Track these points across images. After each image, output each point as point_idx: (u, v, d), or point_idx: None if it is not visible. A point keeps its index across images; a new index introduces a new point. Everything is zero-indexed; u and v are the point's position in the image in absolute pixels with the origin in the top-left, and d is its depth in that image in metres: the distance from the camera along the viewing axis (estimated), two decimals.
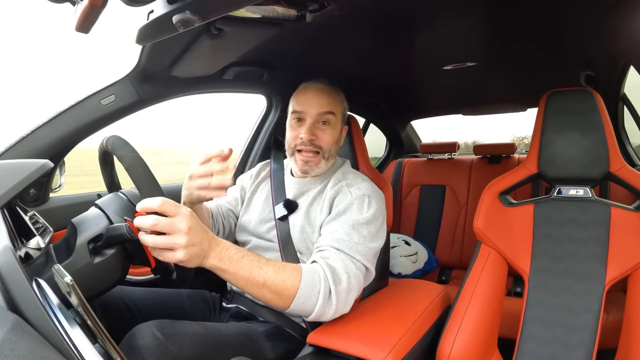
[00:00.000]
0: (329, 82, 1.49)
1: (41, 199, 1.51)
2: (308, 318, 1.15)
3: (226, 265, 1.02)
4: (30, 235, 0.98)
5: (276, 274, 1.07)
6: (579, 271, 1.28)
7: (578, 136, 1.32)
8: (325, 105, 1.42)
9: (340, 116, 1.47)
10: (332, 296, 1.12)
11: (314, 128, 1.41)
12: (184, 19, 0.93)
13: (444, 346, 1.25)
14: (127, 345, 1.04)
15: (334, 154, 1.47)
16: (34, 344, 0.47)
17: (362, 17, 1.34)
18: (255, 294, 1.08)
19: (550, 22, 1.42)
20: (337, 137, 1.46)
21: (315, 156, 1.42)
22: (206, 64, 1.61)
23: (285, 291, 1.08)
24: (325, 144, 1.42)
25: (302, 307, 1.10)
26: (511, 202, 1.44)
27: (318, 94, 1.44)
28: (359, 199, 1.33)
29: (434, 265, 2.81)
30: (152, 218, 0.92)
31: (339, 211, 1.32)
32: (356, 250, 1.21)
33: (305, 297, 1.09)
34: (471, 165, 3.01)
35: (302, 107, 1.43)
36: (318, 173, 1.47)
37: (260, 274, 1.05)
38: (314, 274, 1.13)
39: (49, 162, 1.02)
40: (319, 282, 1.12)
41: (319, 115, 1.41)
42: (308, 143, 1.40)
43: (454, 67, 1.92)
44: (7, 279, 0.57)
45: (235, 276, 1.04)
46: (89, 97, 1.49)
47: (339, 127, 1.46)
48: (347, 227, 1.26)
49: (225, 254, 1.03)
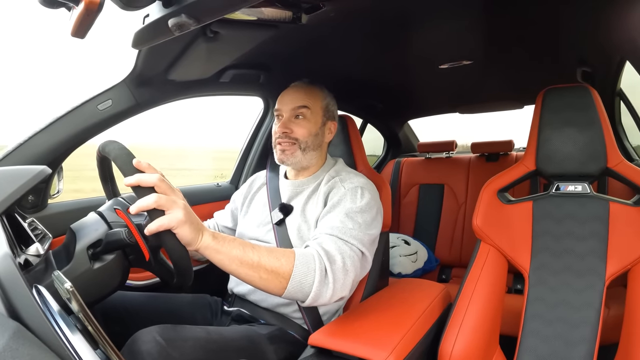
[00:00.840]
0: (309, 81, 1.55)
1: (40, 206, 1.51)
2: (305, 302, 1.13)
3: (220, 244, 1.02)
4: (29, 242, 0.98)
5: (270, 253, 1.08)
6: (579, 267, 1.29)
7: (575, 132, 1.33)
8: (299, 100, 1.47)
9: (320, 110, 1.50)
10: (328, 275, 1.12)
11: (288, 122, 1.46)
12: (179, 22, 0.93)
13: (446, 345, 1.25)
14: (129, 351, 1.03)
15: (313, 147, 1.48)
16: (35, 351, 0.47)
17: (357, 17, 1.34)
18: (250, 275, 1.06)
19: (545, 19, 1.42)
20: (315, 130, 1.48)
21: (291, 146, 1.45)
22: (202, 67, 1.61)
23: (281, 269, 1.07)
24: (301, 135, 1.45)
25: (299, 287, 1.09)
26: (510, 199, 1.45)
27: (294, 91, 1.50)
28: (351, 190, 1.35)
29: (434, 264, 2.81)
30: (153, 195, 0.93)
31: (332, 204, 1.34)
32: (350, 235, 1.22)
33: (301, 275, 1.09)
34: (469, 163, 3.01)
35: (279, 105, 1.50)
36: (297, 164, 1.49)
37: (254, 252, 1.05)
38: (307, 254, 1.13)
39: (47, 168, 1.02)
40: (313, 260, 1.12)
41: (293, 110, 1.47)
42: (283, 136, 1.45)
43: (450, 66, 1.92)
44: (7, 286, 0.57)
45: (229, 255, 1.03)
46: (85, 102, 1.49)
47: (316, 121, 1.49)
48: (341, 215, 1.27)
49: (218, 235, 1.04)
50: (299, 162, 1.47)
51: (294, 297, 1.13)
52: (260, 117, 2.36)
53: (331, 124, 1.55)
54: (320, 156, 1.53)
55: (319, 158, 1.53)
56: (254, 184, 1.71)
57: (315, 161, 1.52)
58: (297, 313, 1.39)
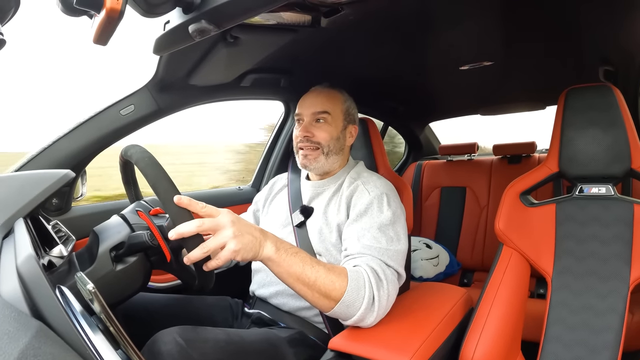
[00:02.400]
0: (330, 85, 1.55)
1: (64, 208, 1.54)
2: (347, 322, 1.14)
3: (282, 257, 1.03)
4: (53, 244, 1.00)
5: (327, 274, 1.08)
6: (603, 271, 1.26)
7: (599, 133, 1.30)
8: (320, 105, 1.47)
9: (341, 114, 1.50)
10: (375, 302, 1.12)
11: (309, 126, 1.46)
12: (199, 28, 0.94)
13: (467, 350, 1.23)
14: (149, 351, 1.04)
15: (335, 150, 1.48)
16: (57, 350, 0.48)
17: (376, 20, 1.34)
18: (303, 291, 1.08)
19: (567, 18, 1.40)
20: (336, 134, 1.48)
21: (314, 151, 1.46)
22: (223, 72, 1.62)
23: (333, 292, 1.08)
24: (323, 139, 1.45)
25: (345, 310, 1.10)
26: (532, 202, 1.42)
27: (314, 95, 1.50)
28: (377, 197, 1.34)
29: (456, 268, 2.78)
30: (195, 221, 0.92)
31: (359, 211, 1.32)
32: (387, 256, 1.21)
33: (350, 300, 1.09)
34: (491, 166, 2.98)
35: (299, 110, 1.51)
36: (319, 169, 1.49)
37: (312, 272, 1.06)
38: (359, 280, 1.12)
39: (70, 172, 1.04)
40: (364, 287, 1.11)
41: (314, 114, 1.47)
42: (304, 140, 1.46)
43: (471, 67, 1.90)
44: (31, 287, 0.58)
45: (288, 271, 1.04)
46: (108, 107, 1.52)
47: (337, 125, 1.48)
48: (373, 230, 1.26)
49: (281, 245, 1.04)
50: (322, 166, 1.47)
51: (338, 317, 1.14)
52: (281, 120, 2.37)
53: (352, 127, 1.54)
54: (342, 159, 1.53)
55: (341, 162, 1.53)
56: (275, 185, 1.72)
57: (338, 165, 1.52)
58: (318, 317, 1.39)
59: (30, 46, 5.53)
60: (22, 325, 0.48)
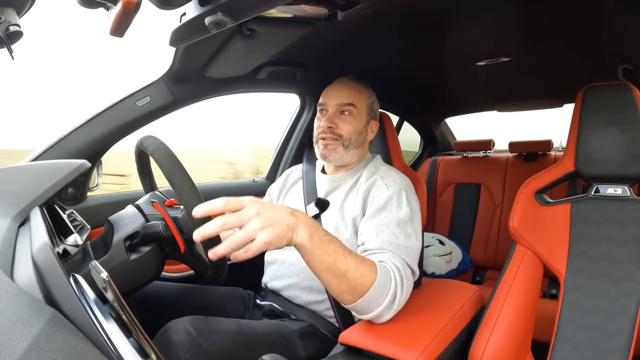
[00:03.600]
0: (356, 78, 1.53)
1: (79, 198, 1.56)
2: (364, 316, 1.11)
3: (315, 245, 0.96)
4: (68, 233, 1.01)
5: (357, 267, 1.03)
6: (616, 273, 1.24)
7: (616, 132, 1.28)
8: (346, 97, 1.46)
9: (365, 109, 1.49)
10: (395, 300, 1.10)
11: (334, 117, 1.45)
12: (216, 20, 0.94)
13: (477, 348, 1.23)
14: (161, 340, 1.06)
15: (356, 144, 1.47)
16: (69, 337, 0.49)
17: (393, 13, 1.33)
18: (331, 283, 1.02)
19: (586, 15, 1.37)
20: (360, 128, 1.47)
21: (335, 141, 1.44)
22: (239, 65, 1.63)
23: (360, 287, 1.04)
24: (346, 132, 1.44)
25: (367, 304, 1.07)
26: (547, 201, 1.41)
27: (341, 87, 1.49)
28: (397, 193, 1.33)
29: (468, 266, 2.77)
30: (217, 220, 0.85)
31: (378, 206, 1.31)
32: (406, 254, 1.20)
33: (374, 296, 1.06)
34: (507, 163, 2.95)
35: (324, 100, 1.49)
36: (338, 161, 1.47)
37: (344, 263, 1.00)
38: (386, 274, 1.10)
39: (86, 162, 1.05)
40: (389, 283, 1.09)
41: (339, 106, 1.46)
42: (327, 131, 1.44)
43: (488, 63, 1.88)
44: (46, 275, 0.59)
45: (319, 259, 0.98)
46: (124, 98, 1.53)
47: (361, 119, 1.48)
48: (392, 226, 1.24)
49: (315, 232, 0.97)
50: (341, 158, 1.46)
51: (357, 311, 1.11)
52: (297, 113, 2.37)
53: (374, 123, 1.54)
54: (361, 154, 1.53)
55: (360, 156, 1.52)
56: (289, 177, 1.72)
57: (356, 159, 1.51)
58: (329, 311, 1.39)
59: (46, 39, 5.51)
60: (36, 312, 0.49)
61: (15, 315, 0.47)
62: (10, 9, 0.82)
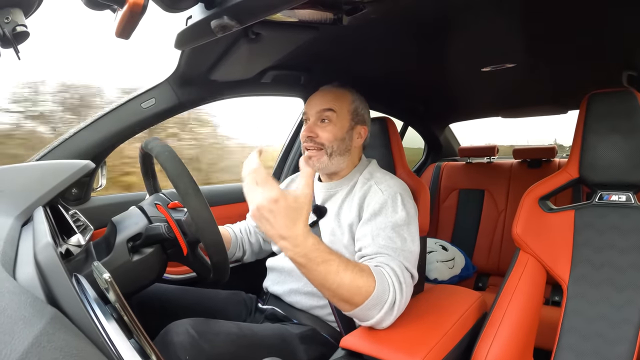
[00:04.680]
0: (340, 84, 1.53)
1: (83, 198, 1.56)
2: (365, 323, 1.12)
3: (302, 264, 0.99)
4: (71, 233, 1.01)
5: (352, 281, 1.03)
6: (620, 281, 1.23)
7: (620, 139, 1.28)
8: (325, 103, 1.44)
9: (347, 114, 1.46)
10: (395, 306, 1.10)
11: (313, 126, 1.44)
12: (222, 24, 0.94)
13: (479, 354, 1.22)
14: (162, 342, 1.06)
15: (340, 152, 1.44)
16: (70, 337, 0.49)
17: (399, 19, 1.33)
18: (324, 294, 1.05)
19: (591, 21, 1.37)
20: (341, 134, 1.44)
21: (318, 152, 1.43)
22: (244, 68, 1.63)
23: (357, 297, 1.04)
24: (326, 140, 1.42)
25: (365, 313, 1.07)
26: (551, 207, 1.40)
27: (322, 95, 1.48)
28: (392, 197, 1.32)
29: (471, 272, 2.77)
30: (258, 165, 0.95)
31: (373, 211, 1.30)
32: (403, 257, 1.19)
33: (373, 304, 1.06)
34: (510, 169, 2.95)
35: (306, 109, 1.49)
36: (324, 170, 1.46)
37: (335, 280, 1.00)
38: (384, 282, 1.10)
39: (90, 162, 1.05)
40: (387, 291, 1.09)
41: (318, 113, 1.44)
42: (308, 140, 1.43)
43: (493, 69, 1.88)
44: (48, 274, 0.59)
45: (309, 276, 1.01)
46: (129, 100, 1.54)
47: (342, 125, 1.45)
48: (388, 230, 1.24)
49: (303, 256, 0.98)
50: (326, 167, 1.45)
51: (356, 318, 1.12)
52: (300, 119, 2.37)
53: (361, 128, 1.50)
54: (350, 160, 1.50)
55: (349, 162, 1.49)
56: (290, 185, 1.71)
57: (345, 165, 1.48)
58: (331, 315, 1.39)
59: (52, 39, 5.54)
60: (38, 311, 0.49)
61: (17, 314, 0.47)
62: (17, 10, 0.83)
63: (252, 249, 1.67)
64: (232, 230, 1.65)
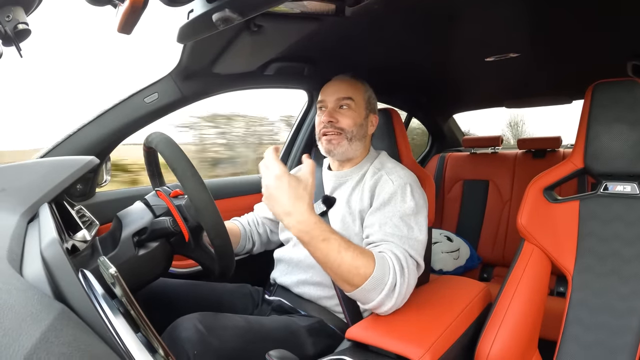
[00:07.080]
0: (352, 74, 1.55)
1: (88, 194, 1.56)
2: (365, 306, 1.16)
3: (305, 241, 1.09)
4: (77, 229, 1.02)
5: (352, 261, 1.09)
6: (624, 271, 1.23)
7: (625, 129, 1.27)
8: (343, 92, 1.47)
9: (363, 102, 1.50)
10: (395, 289, 1.12)
11: (333, 112, 1.46)
12: (223, 17, 0.94)
13: (484, 345, 1.22)
14: (170, 337, 1.06)
15: (359, 137, 1.48)
16: (78, 332, 0.49)
17: (401, 9, 1.33)
18: (327, 272, 1.13)
19: (595, 10, 1.36)
20: (360, 120, 1.48)
21: (338, 136, 1.45)
22: (247, 61, 1.63)
23: (356, 278, 1.09)
24: (347, 125, 1.45)
25: (365, 294, 1.11)
26: (556, 198, 1.40)
27: (338, 83, 1.51)
28: (401, 187, 1.33)
29: (476, 262, 2.76)
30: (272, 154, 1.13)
31: (383, 201, 1.32)
32: (409, 245, 1.21)
33: (372, 286, 1.09)
34: (515, 159, 2.94)
35: (323, 96, 1.51)
36: (343, 154, 1.48)
37: (336, 258, 1.08)
38: (384, 264, 1.13)
39: (95, 158, 1.06)
40: (388, 274, 1.12)
41: (337, 100, 1.47)
42: (329, 125, 1.45)
43: (497, 59, 1.87)
44: (55, 270, 0.59)
45: (313, 254, 1.11)
46: (133, 95, 1.54)
47: (360, 112, 1.48)
48: (395, 219, 1.26)
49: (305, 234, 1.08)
50: (345, 152, 1.47)
51: (357, 299, 1.17)
52: (304, 109, 2.36)
53: (373, 116, 1.54)
54: (364, 147, 1.53)
55: (363, 149, 1.52)
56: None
57: (360, 152, 1.51)
58: (338, 307, 1.40)
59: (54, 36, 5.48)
60: (45, 307, 0.49)
61: (25, 311, 0.47)
62: (19, 8, 0.83)
63: (261, 240, 1.68)
64: (240, 224, 1.66)
